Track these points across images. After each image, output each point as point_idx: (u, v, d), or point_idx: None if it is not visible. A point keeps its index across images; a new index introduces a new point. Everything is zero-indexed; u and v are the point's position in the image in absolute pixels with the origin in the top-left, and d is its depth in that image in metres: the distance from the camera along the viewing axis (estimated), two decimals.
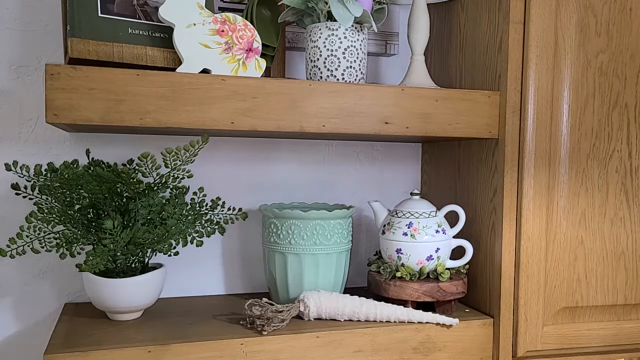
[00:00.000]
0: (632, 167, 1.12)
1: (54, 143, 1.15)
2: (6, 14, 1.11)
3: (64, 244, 0.97)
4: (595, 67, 1.09)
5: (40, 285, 1.15)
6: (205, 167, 1.22)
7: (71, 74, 0.86)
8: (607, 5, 1.08)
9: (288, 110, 0.96)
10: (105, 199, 0.98)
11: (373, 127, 1.01)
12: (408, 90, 1.02)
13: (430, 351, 1.05)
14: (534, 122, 1.06)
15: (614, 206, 1.11)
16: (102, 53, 0.93)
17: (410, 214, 1.11)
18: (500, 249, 1.08)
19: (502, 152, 1.07)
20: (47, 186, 0.97)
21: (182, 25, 0.94)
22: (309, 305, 1.03)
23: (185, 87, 0.91)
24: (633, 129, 1.12)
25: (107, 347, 0.89)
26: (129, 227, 0.98)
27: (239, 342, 0.95)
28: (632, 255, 1.13)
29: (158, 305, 1.12)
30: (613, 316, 1.14)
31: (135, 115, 0.89)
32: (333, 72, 1.04)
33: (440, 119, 1.04)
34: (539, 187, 1.07)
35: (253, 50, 0.99)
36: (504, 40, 1.06)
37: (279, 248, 1.09)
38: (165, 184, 1.02)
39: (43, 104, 1.10)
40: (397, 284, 1.08)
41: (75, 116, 0.87)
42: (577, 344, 1.11)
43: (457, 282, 1.09)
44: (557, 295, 1.09)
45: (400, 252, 1.10)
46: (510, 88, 1.06)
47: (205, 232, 1.09)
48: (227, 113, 0.93)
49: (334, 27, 1.03)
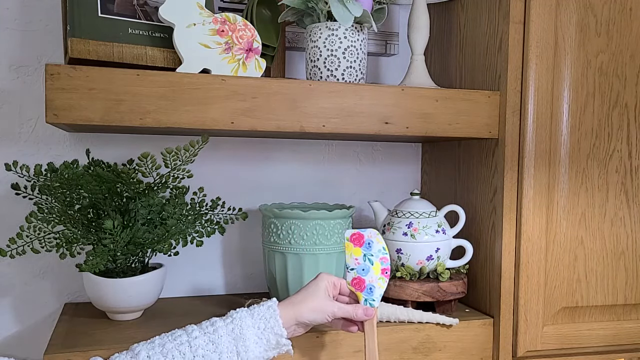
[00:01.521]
0: (632, 167, 1.12)
1: (54, 143, 1.15)
2: (6, 14, 1.11)
3: (64, 244, 0.97)
4: (595, 67, 1.09)
5: (40, 285, 1.15)
6: (205, 167, 1.22)
7: (71, 74, 0.86)
8: (607, 5, 1.08)
9: (288, 110, 0.96)
10: (105, 199, 0.98)
11: (373, 127, 1.01)
12: (408, 90, 1.02)
13: (430, 351, 1.05)
14: (534, 122, 1.06)
15: (614, 206, 1.11)
16: (102, 53, 0.93)
17: (410, 214, 1.11)
18: (500, 249, 1.08)
19: (502, 152, 1.07)
20: (47, 186, 0.97)
21: (182, 25, 0.94)
22: None
23: (185, 87, 0.91)
24: (633, 129, 1.12)
25: (107, 347, 0.89)
26: (129, 227, 0.98)
27: None
28: (632, 255, 1.13)
29: (158, 305, 1.12)
30: (613, 316, 1.14)
31: (135, 115, 0.89)
32: (333, 72, 1.04)
33: (440, 119, 1.04)
34: (539, 187, 1.07)
35: (253, 50, 0.99)
36: (504, 40, 1.06)
37: (279, 248, 1.09)
38: (165, 184, 1.02)
39: (43, 104, 1.10)
40: (397, 284, 1.08)
41: (75, 116, 0.87)
42: (577, 344, 1.11)
43: (457, 282, 1.09)
44: (557, 295, 1.09)
45: (400, 252, 1.10)
46: (510, 88, 1.06)
47: (205, 232, 1.09)
48: (227, 113, 0.93)
49: (334, 27, 1.03)
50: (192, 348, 0.78)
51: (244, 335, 0.80)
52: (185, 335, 0.79)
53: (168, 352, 0.77)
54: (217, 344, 0.79)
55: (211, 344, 0.79)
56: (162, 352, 0.77)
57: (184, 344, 0.78)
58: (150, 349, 0.78)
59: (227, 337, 0.79)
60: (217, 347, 0.79)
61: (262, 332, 0.81)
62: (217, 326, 0.80)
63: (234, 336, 0.80)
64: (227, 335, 0.80)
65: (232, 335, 0.80)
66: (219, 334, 0.79)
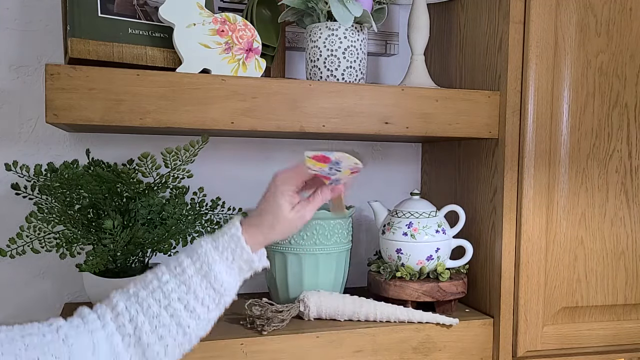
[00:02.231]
0: (632, 167, 1.12)
1: (54, 143, 1.15)
2: (6, 14, 1.11)
3: (64, 244, 0.97)
4: (595, 67, 1.09)
5: (40, 285, 1.15)
6: (205, 167, 1.22)
7: (71, 74, 0.86)
8: (607, 5, 1.08)
9: (288, 110, 0.96)
10: (105, 199, 0.98)
11: (373, 127, 1.01)
12: (408, 90, 1.02)
13: (430, 351, 1.05)
14: (534, 122, 1.06)
15: (614, 206, 1.11)
16: (102, 53, 0.93)
17: (410, 214, 1.11)
18: (500, 249, 1.08)
19: (502, 152, 1.07)
20: (47, 186, 0.97)
21: (182, 25, 0.94)
22: (309, 305, 1.03)
23: (185, 87, 0.91)
24: (633, 129, 1.12)
25: None
26: (129, 227, 0.98)
27: (239, 342, 0.95)
28: (632, 255, 1.13)
29: None
30: (613, 316, 1.14)
31: (135, 115, 0.89)
32: (333, 72, 1.04)
33: (440, 119, 1.04)
34: (539, 187, 1.07)
35: (253, 50, 0.99)
36: (504, 40, 1.06)
37: (279, 248, 1.09)
38: (165, 184, 1.02)
39: (43, 104, 1.09)
40: (397, 284, 1.08)
41: (75, 116, 0.87)
42: (577, 344, 1.11)
43: (457, 282, 1.09)
44: (557, 295, 1.09)
45: (400, 252, 1.10)
46: (510, 88, 1.06)
47: (205, 232, 1.09)
48: (227, 113, 0.93)
49: (334, 27, 1.03)
50: (164, 293, 0.76)
51: (213, 270, 0.78)
52: (156, 281, 0.77)
53: (143, 301, 0.76)
54: (188, 284, 0.77)
55: (183, 286, 0.77)
56: (137, 302, 0.76)
57: (157, 290, 0.77)
58: (126, 300, 0.76)
59: (197, 276, 0.78)
60: (189, 288, 0.77)
61: (232, 263, 0.80)
62: (184, 266, 0.78)
63: (203, 273, 0.78)
64: (196, 274, 0.78)
65: (200, 272, 0.78)
66: (188, 275, 0.78)
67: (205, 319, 0.78)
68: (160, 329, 0.75)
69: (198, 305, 0.77)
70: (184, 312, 0.76)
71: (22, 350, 0.67)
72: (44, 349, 0.68)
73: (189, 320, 0.77)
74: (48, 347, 0.69)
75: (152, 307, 0.75)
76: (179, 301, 0.76)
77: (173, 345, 0.76)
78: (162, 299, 0.76)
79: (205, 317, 0.78)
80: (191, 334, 0.77)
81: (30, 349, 0.67)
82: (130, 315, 0.75)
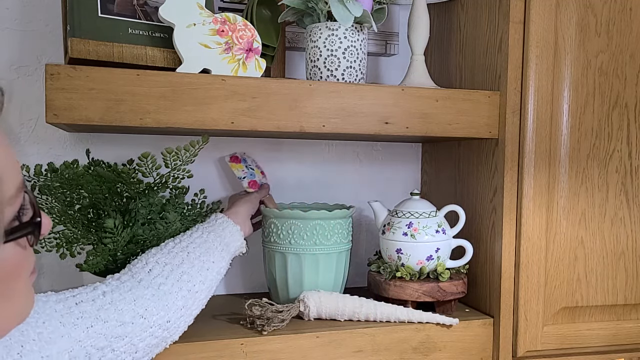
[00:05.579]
0: (632, 167, 1.12)
1: (54, 143, 1.15)
2: (6, 14, 1.11)
3: (64, 244, 0.97)
4: (595, 67, 1.09)
5: (40, 285, 1.15)
6: (206, 167, 1.22)
7: (71, 74, 0.86)
8: (607, 5, 1.08)
9: (288, 110, 0.96)
10: (106, 199, 0.98)
11: (373, 127, 1.01)
12: (408, 90, 1.02)
13: (430, 351, 1.05)
14: (534, 122, 1.06)
15: (614, 206, 1.11)
16: (102, 53, 0.93)
17: (410, 214, 1.11)
18: (500, 249, 1.08)
19: (502, 152, 1.07)
20: (47, 186, 0.97)
21: (182, 25, 0.94)
22: (309, 305, 1.03)
23: (185, 87, 0.91)
24: (633, 129, 1.12)
25: None
26: (129, 226, 0.98)
27: (239, 342, 0.95)
28: (632, 255, 1.13)
29: None
30: (613, 316, 1.14)
31: (135, 115, 0.89)
32: (333, 72, 1.04)
33: (440, 119, 1.04)
34: (539, 187, 1.07)
35: (253, 50, 0.99)
36: (504, 40, 1.06)
37: (279, 248, 1.09)
38: (165, 184, 1.02)
39: (43, 104, 1.09)
40: (397, 284, 1.08)
41: (75, 116, 0.87)
42: (577, 344, 1.11)
43: (457, 282, 1.09)
44: (557, 295, 1.09)
45: (400, 252, 1.10)
46: (510, 88, 1.06)
47: None
48: (227, 113, 0.93)
49: (334, 27, 1.03)
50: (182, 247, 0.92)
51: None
52: (172, 243, 0.92)
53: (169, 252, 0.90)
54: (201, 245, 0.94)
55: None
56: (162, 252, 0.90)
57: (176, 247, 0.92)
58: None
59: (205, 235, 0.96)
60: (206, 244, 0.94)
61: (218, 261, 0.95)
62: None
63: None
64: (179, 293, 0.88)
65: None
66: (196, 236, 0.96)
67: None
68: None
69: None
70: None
71: (80, 319, 0.73)
72: (97, 315, 0.75)
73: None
74: (99, 314, 0.76)
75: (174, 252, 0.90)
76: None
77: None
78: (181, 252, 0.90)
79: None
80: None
81: (85, 318, 0.74)
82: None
